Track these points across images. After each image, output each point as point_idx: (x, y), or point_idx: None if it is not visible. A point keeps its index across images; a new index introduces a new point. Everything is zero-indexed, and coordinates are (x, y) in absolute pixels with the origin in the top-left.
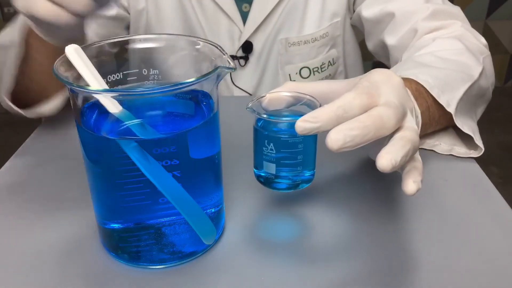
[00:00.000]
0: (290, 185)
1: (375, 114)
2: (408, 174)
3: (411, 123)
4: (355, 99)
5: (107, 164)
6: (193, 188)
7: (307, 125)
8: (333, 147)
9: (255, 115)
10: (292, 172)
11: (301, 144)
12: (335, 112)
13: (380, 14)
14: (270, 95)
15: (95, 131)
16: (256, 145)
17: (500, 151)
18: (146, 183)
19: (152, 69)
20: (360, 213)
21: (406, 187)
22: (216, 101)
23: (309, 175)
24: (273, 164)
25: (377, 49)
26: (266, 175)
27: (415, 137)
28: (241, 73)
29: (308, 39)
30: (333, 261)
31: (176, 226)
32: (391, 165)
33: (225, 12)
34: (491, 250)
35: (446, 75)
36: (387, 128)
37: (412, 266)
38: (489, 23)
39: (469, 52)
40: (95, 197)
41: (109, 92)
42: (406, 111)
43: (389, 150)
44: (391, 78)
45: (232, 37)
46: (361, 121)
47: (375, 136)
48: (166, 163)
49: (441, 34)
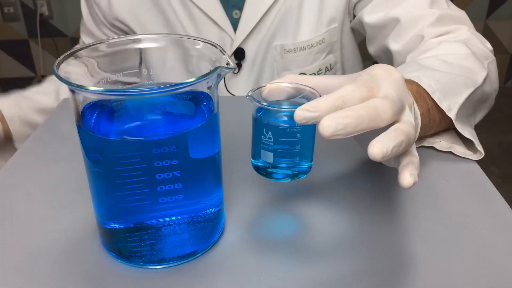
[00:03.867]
0: (287, 175)
1: (371, 105)
2: (404, 167)
3: (408, 118)
4: (355, 91)
5: (107, 164)
6: (193, 188)
7: (306, 114)
8: (324, 133)
9: (255, 104)
10: (290, 163)
11: (299, 134)
12: (334, 103)
13: (384, 19)
14: (271, 86)
15: (95, 132)
16: (254, 134)
17: (500, 151)
18: (146, 183)
19: (152, 69)
20: (360, 212)
21: (403, 180)
22: (216, 101)
23: (306, 167)
24: (270, 153)
25: (379, 54)
26: (264, 164)
27: (410, 130)
28: (235, 80)
29: (304, 45)
30: (333, 260)
31: (176, 226)
32: (381, 153)
33: (213, 20)
34: (491, 250)
35: (450, 80)
36: (382, 119)
37: (411, 265)
38: (489, 23)
39: (474, 57)
40: (95, 197)
41: (109, 92)
42: (404, 106)
43: (380, 139)
44: (391, 73)
45: (224, 45)
46: (355, 110)
47: (369, 127)
48: (166, 163)
49: (446, 38)
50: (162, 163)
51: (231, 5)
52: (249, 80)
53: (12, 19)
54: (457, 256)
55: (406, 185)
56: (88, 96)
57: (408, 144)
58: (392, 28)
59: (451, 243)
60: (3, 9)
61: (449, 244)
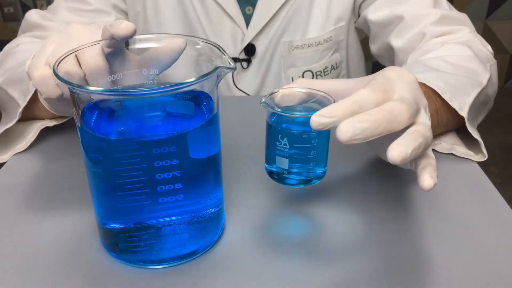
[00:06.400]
0: (302, 180)
1: (387, 108)
2: (423, 169)
3: (424, 119)
4: (370, 95)
5: (107, 164)
6: (193, 188)
7: (322, 120)
8: (342, 138)
9: (269, 109)
10: (305, 168)
11: (315, 140)
12: (350, 107)
13: (388, 17)
14: (284, 91)
15: (95, 132)
16: (268, 140)
17: (500, 151)
18: (146, 183)
19: (152, 69)
20: (359, 212)
21: (423, 182)
22: (216, 101)
23: (321, 172)
24: (286, 159)
25: (381, 52)
26: (278, 170)
27: (428, 132)
28: (244, 75)
29: (312, 42)
30: (333, 262)
31: (176, 226)
32: (401, 156)
33: (228, 14)
34: (491, 250)
35: (457, 81)
36: (399, 122)
37: (411, 265)
38: (489, 23)
39: (478, 59)
40: (95, 197)
41: (109, 92)
42: (419, 107)
43: (400, 142)
44: (404, 75)
45: (235, 40)
46: (371, 114)
47: (386, 130)
48: (166, 163)
49: (449, 39)
50: (162, 163)
51: (245, 1)
52: (256, 75)
53: (12, 19)
54: (457, 256)
55: (427, 187)
56: (88, 96)
57: (426, 146)
58: (395, 25)
59: (451, 243)
60: (3, 9)
61: (449, 244)
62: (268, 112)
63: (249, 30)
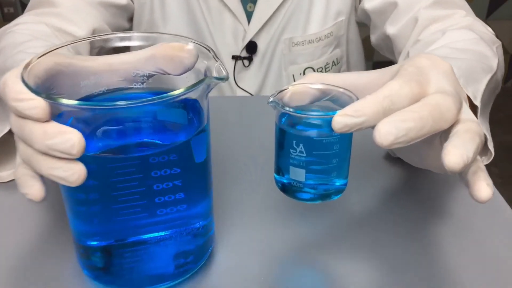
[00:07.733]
0: (319, 195)
1: (432, 103)
2: (477, 176)
3: (470, 115)
4: (403, 88)
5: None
6: (181, 200)
7: (348, 120)
8: (382, 142)
9: (279, 110)
10: (324, 179)
11: (337, 145)
12: (382, 104)
13: (383, 4)
14: (294, 88)
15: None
16: (280, 146)
17: (500, 151)
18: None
19: (142, 71)
20: (359, 216)
21: (481, 192)
22: (206, 111)
23: (341, 184)
24: (302, 170)
25: (379, 42)
26: (292, 182)
27: (480, 130)
28: (245, 74)
29: (313, 38)
30: (334, 270)
31: (162, 242)
32: (462, 162)
33: (230, 10)
34: (491, 250)
35: (468, 66)
36: (446, 120)
37: (410, 266)
38: (489, 23)
39: (484, 42)
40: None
41: (82, 105)
42: (462, 100)
43: (457, 144)
44: (439, 63)
45: (237, 37)
46: (415, 111)
47: (433, 130)
48: (155, 174)
49: (449, 25)
50: (151, 173)
51: None
52: (258, 74)
53: (12, 19)
54: (457, 256)
55: (485, 198)
56: (60, 108)
57: (480, 148)
58: (390, 13)
59: (451, 243)
60: (3, 9)
61: (449, 244)
62: (277, 113)
63: (250, 27)
